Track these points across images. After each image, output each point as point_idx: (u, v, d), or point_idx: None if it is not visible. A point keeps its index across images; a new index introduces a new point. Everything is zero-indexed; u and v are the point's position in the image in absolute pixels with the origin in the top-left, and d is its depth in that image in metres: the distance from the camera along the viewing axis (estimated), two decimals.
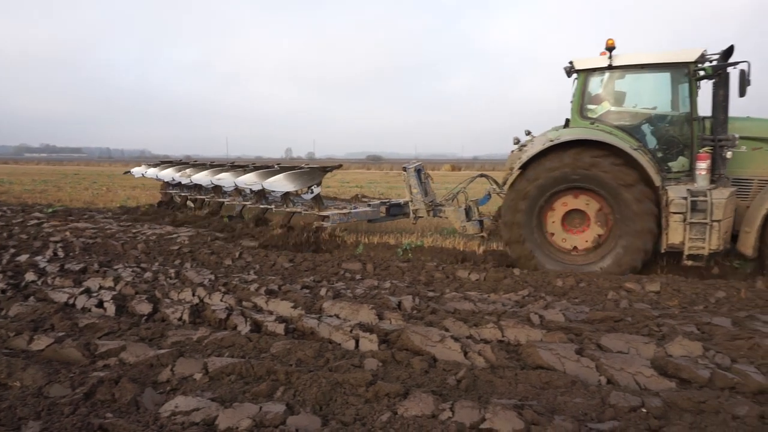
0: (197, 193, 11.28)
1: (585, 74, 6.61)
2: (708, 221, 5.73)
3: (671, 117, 6.45)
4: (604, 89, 6.65)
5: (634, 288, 5.31)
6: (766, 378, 3.07)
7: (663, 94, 6.53)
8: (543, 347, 3.43)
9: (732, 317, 4.27)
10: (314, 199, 8.07)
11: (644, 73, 6.53)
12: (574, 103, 6.71)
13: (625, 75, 6.59)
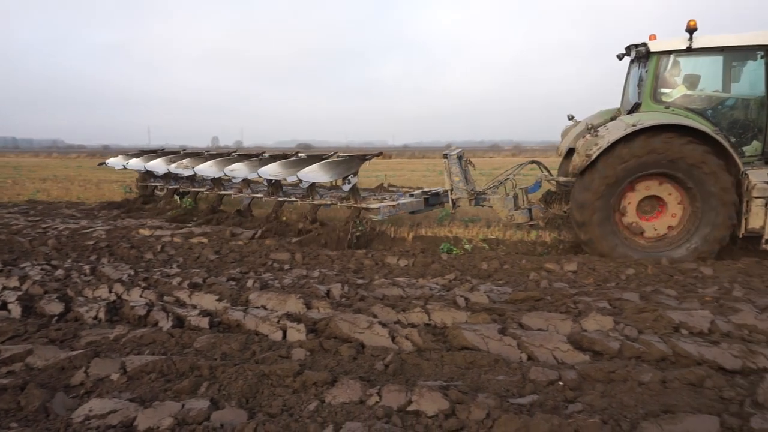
0: (189, 186, 10.35)
1: (659, 57, 6.50)
2: None
3: (748, 100, 6.37)
4: (681, 72, 6.60)
5: (554, 268, 5.57)
6: (668, 346, 3.32)
7: (740, 77, 6.49)
8: (468, 328, 3.53)
9: (640, 292, 4.59)
10: (351, 191, 7.31)
11: (723, 56, 6.45)
12: (646, 86, 6.57)
13: (702, 58, 6.52)
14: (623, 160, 6.05)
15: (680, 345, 3.31)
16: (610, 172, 6.09)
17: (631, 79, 7.26)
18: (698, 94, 6.57)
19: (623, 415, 2.66)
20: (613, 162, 6.07)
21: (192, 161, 9.88)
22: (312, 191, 7.84)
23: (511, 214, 7.30)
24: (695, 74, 6.65)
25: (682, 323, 3.68)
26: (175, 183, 10.85)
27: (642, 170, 6.11)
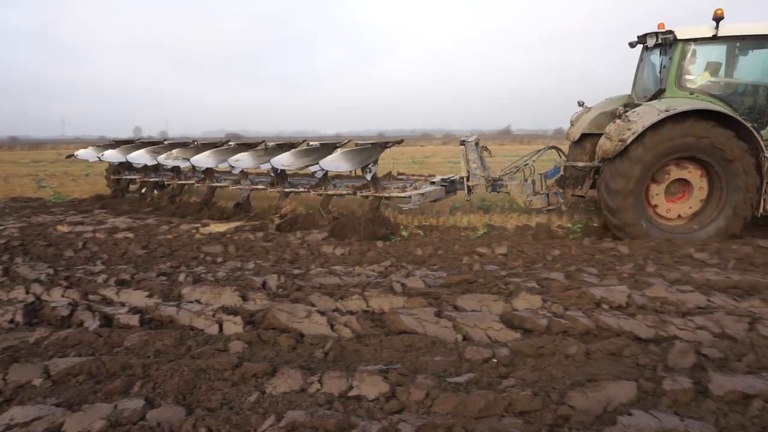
0: (175, 178, 9.67)
1: (685, 44, 6.65)
2: None
3: (766, 86, 6.63)
4: (705, 60, 6.78)
5: (486, 252, 5.77)
6: (591, 320, 3.55)
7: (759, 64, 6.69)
8: (405, 313, 3.61)
9: (565, 271, 4.85)
10: (372, 180, 7.17)
11: (747, 44, 6.60)
12: (671, 73, 6.72)
13: (725, 46, 6.69)
14: (655, 144, 6.18)
15: (602, 319, 3.54)
16: (643, 157, 6.21)
17: (647, 67, 7.49)
18: (721, 81, 6.81)
19: (552, 386, 2.82)
20: (646, 146, 6.19)
21: (182, 152, 9.14)
22: (325, 181, 7.56)
23: (529, 199, 7.34)
24: (717, 61, 6.84)
25: (603, 298, 3.94)
26: (156, 175, 10.16)
27: (673, 154, 6.29)
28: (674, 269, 4.93)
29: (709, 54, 6.81)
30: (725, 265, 5.11)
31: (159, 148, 9.67)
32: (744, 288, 4.28)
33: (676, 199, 6.61)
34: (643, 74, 7.59)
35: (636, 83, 7.72)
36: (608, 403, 2.64)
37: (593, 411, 2.58)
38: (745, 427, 2.47)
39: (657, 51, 7.15)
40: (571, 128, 8.16)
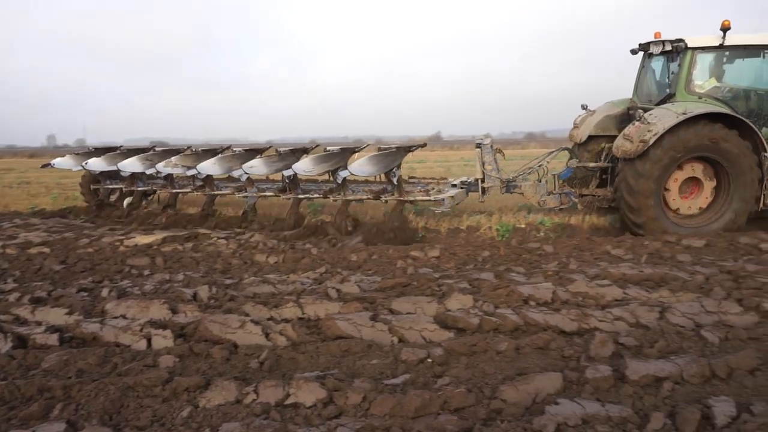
0: (168, 187, 9.00)
1: (694, 52, 7.10)
2: None
3: (763, 92, 7.26)
4: (712, 67, 7.28)
5: (419, 255, 5.88)
6: (519, 317, 3.71)
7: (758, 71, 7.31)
8: (341, 318, 3.62)
9: (494, 271, 5.03)
10: (397, 183, 7.13)
11: (749, 52, 7.18)
12: (681, 78, 7.15)
13: (731, 54, 7.19)
14: (673, 145, 6.56)
15: (529, 315, 3.71)
16: (663, 157, 6.58)
17: (648, 72, 8.03)
18: (725, 86, 7.36)
19: (485, 382, 2.93)
20: (665, 147, 6.55)
21: (181, 159, 8.52)
22: (344, 186, 7.32)
23: (543, 199, 7.56)
24: (721, 68, 7.40)
25: (530, 296, 4.13)
26: (143, 184, 9.45)
27: (689, 154, 6.73)
28: (594, 265, 5.24)
29: (715, 61, 7.38)
30: (638, 260, 5.48)
31: (151, 155, 9.00)
32: (655, 280, 4.62)
33: (688, 196, 7.07)
34: (645, 79, 8.13)
35: (638, 88, 8.21)
36: (537, 394, 2.77)
37: (523, 403, 2.70)
38: (658, 407, 2.67)
39: (661, 58, 7.71)
40: (575, 130, 8.48)
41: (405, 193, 7.32)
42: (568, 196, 7.69)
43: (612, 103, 8.32)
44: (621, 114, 8.01)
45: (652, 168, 6.63)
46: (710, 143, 6.69)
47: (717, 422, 2.52)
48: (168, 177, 8.87)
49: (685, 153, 6.73)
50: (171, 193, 9.08)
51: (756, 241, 6.11)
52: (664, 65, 7.74)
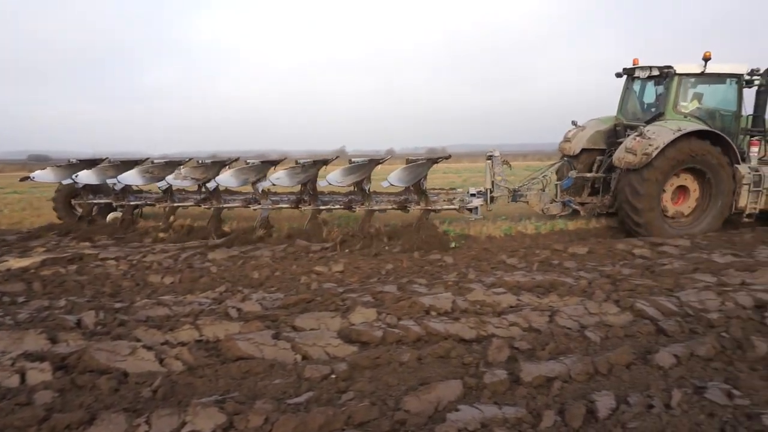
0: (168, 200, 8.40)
1: (681, 77, 8.13)
2: (761, 189, 7.99)
3: (729, 113, 8.35)
4: (694, 90, 8.38)
5: (323, 270, 5.83)
6: (421, 328, 3.79)
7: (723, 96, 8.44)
8: (242, 338, 3.49)
9: (397, 284, 5.11)
10: (423, 193, 7.53)
11: (719, 79, 8.31)
12: (669, 100, 8.15)
13: (707, 80, 8.31)
14: (670, 157, 7.50)
15: (431, 325, 3.81)
16: (663, 167, 7.53)
17: (632, 94, 9.08)
18: (704, 107, 8.43)
19: (389, 394, 2.95)
20: (663, 159, 7.47)
21: (191, 171, 8.14)
22: (368, 197, 7.61)
23: (547, 206, 8.33)
24: (700, 92, 8.46)
25: (432, 306, 4.24)
26: (136, 199, 8.87)
27: (682, 165, 7.71)
28: (491, 274, 5.50)
29: (697, 86, 8.46)
30: (531, 268, 5.83)
31: (152, 167, 8.41)
32: (545, 286, 4.93)
33: (677, 202, 8.14)
34: (629, 100, 9.16)
35: (622, 107, 9.20)
36: (439, 402, 2.84)
37: (426, 412, 2.76)
38: (549, 405, 2.85)
39: (648, 81, 8.76)
40: (566, 143, 9.27)
41: (431, 202, 7.69)
42: (568, 204, 8.54)
43: (599, 120, 9.28)
44: (608, 130, 9.06)
45: (655, 176, 7.57)
46: (698, 156, 7.73)
47: (600, 415, 2.73)
48: (168, 190, 8.44)
49: (678, 164, 7.71)
50: (171, 207, 8.54)
51: (630, 247, 6.74)
52: (648, 88, 8.91)
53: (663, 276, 5.26)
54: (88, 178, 8.43)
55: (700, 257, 6.02)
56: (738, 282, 5.11)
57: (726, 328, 3.92)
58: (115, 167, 8.65)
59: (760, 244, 7.04)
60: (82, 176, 8.40)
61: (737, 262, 5.82)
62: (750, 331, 3.91)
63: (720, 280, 5.12)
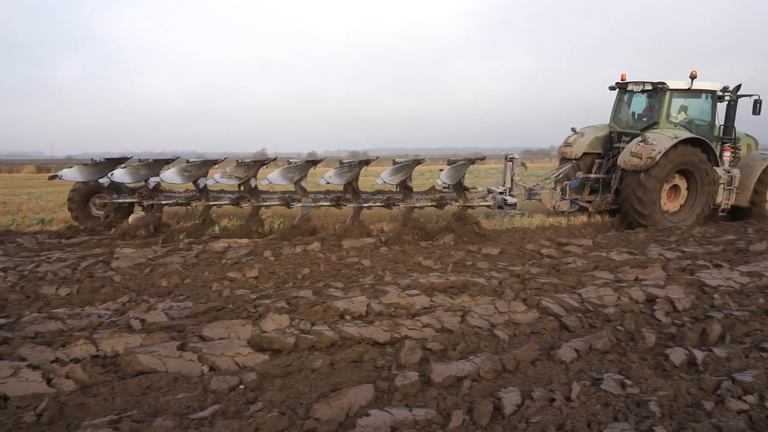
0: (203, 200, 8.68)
1: (672, 92, 9.59)
2: (732, 187, 9.69)
3: (705, 123, 9.97)
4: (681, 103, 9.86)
5: (236, 276, 5.64)
6: (335, 332, 3.75)
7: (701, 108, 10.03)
8: (143, 351, 3.29)
9: (313, 288, 5.03)
10: (461, 190, 8.50)
11: (698, 94, 9.86)
12: (663, 111, 9.59)
13: (691, 94, 9.81)
14: (668, 160, 8.89)
15: (345, 329, 3.78)
16: (664, 168, 8.92)
17: (623, 105, 10.51)
18: (688, 118, 9.94)
19: (299, 402, 2.89)
20: (664, 162, 8.85)
21: (235, 170, 8.33)
22: (408, 195, 8.43)
23: (557, 203, 9.43)
24: (685, 105, 9.97)
25: (346, 310, 4.21)
26: (165, 198, 8.84)
27: (678, 167, 9.12)
28: (407, 276, 5.55)
29: (683, 99, 9.94)
30: (445, 269, 5.96)
31: (190, 166, 8.35)
32: (458, 287, 5.05)
33: (668, 200, 9.53)
34: (622, 110, 10.55)
35: (615, 116, 10.60)
36: (350, 408, 2.81)
37: (337, 419, 2.71)
38: (459, 405, 2.90)
39: (639, 94, 10.24)
40: (567, 148, 10.43)
41: (468, 199, 8.54)
42: (575, 201, 9.68)
43: (595, 127, 10.59)
44: (605, 136, 10.36)
45: (659, 175, 8.95)
46: (689, 160, 9.17)
47: (506, 412, 2.81)
48: (203, 189, 8.71)
49: (674, 166, 9.09)
50: (206, 205, 8.76)
51: (539, 247, 7.07)
52: (636, 100, 10.41)
53: (567, 274, 5.56)
54: (123, 177, 8.39)
55: (600, 256, 6.42)
56: (632, 278, 5.49)
57: (621, 321, 4.20)
58: (146, 166, 8.65)
59: (651, 242, 7.63)
60: (117, 175, 8.33)
61: (632, 259, 6.26)
62: (641, 323, 4.21)
63: (617, 277, 5.49)
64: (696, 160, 9.22)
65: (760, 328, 4.16)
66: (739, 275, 5.50)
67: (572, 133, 10.60)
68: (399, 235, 7.58)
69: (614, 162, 9.84)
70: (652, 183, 8.97)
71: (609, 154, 10.20)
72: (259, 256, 6.62)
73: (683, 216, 9.54)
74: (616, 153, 9.97)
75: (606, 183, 10.07)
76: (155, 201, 8.80)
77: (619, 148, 9.90)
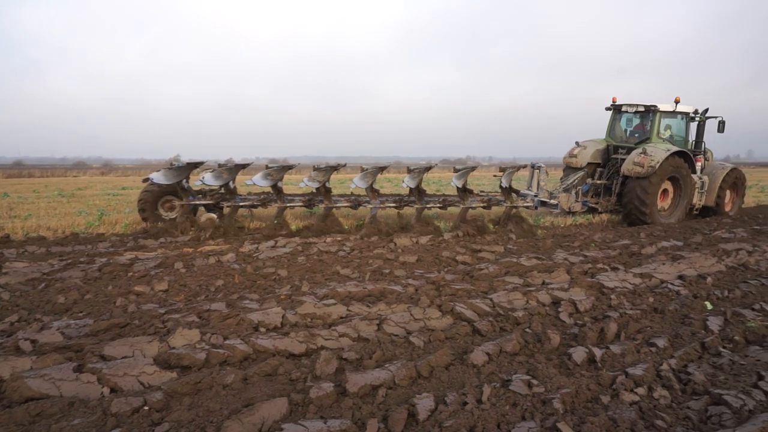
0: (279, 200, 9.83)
1: (661, 113, 11.94)
2: (703, 191, 12.32)
3: (681, 139, 12.42)
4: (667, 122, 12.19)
5: (144, 290, 5.33)
6: (249, 346, 3.64)
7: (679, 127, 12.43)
8: (33, 376, 3.01)
9: (227, 301, 4.87)
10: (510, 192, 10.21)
11: (676, 115, 12.22)
12: (654, 129, 11.91)
13: (673, 115, 12.18)
14: (664, 168, 11.10)
15: (259, 342, 3.68)
16: (661, 175, 11.16)
17: (617, 123, 12.72)
18: (670, 134, 12.26)
19: (209, 420, 2.77)
20: (661, 170, 11.06)
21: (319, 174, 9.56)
22: (465, 196, 9.88)
23: (572, 205, 11.47)
24: (669, 124, 12.27)
25: (261, 322, 4.10)
26: (240, 200, 9.81)
27: (669, 174, 11.37)
28: (324, 286, 5.50)
29: (669, 119, 12.24)
30: (363, 278, 5.98)
31: (272, 170, 9.52)
32: (375, 295, 5.09)
33: (661, 200, 11.66)
34: (617, 127, 12.77)
35: (610, 132, 12.80)
36: (263, 424, 2.73)
37: None
38: (374, 414, 2.90)
39: (630, 114, 12.51)
40: (572, 158, 12.37)
41: (514, 201, 10.23)
42: (585, 204, 11.76)
43: (594, 141, 12.64)
44: (603, 149, 12.45)
45: (657, 181, 11.16)
46: (677, 168, 11.42)
47: (420, 417, 2.85)
48: (279, 191, 9.74)
49: (667, 173, 11.30)
50: (281, 206, 9.78)
51: (454, 254, 7.27)
52: (626, 119, 12.64)
53: (480, 280, 5.76)
54: (213, 180, 9.24)
55: (510, 261, 6.72)
56: (540, 282, 5.79)
57: (529, 324, 4.41)
58: (228, 170, 9.53)
59: (557, 248, 8.09)
60: (207, 178, 9.18)
61: (540, 264, 6.60)
62: (548, 325, 4.44)
63: (526, 281, 5.76)
64: (682, 169, 11.55)
65: (650, 325, 4.52)
66: (633, 277, 5.96)
67: (576, 146, 12.63)
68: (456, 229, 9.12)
69: (614, 170, 12.12)
70: (652, 187, 11.11)
71: (609, 164, 12.38)
72: (169, 268, 6.32)
73: (671, 214, 11.80)
74: (614, 163, 12.17)
75: (607, 188, 12.20)
76: (233, 203, 9.68)
77: (616, 159, 12.14)
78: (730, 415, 2.95)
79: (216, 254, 6.83)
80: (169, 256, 6.77)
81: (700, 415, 2.99)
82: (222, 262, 6.63)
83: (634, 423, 2.83)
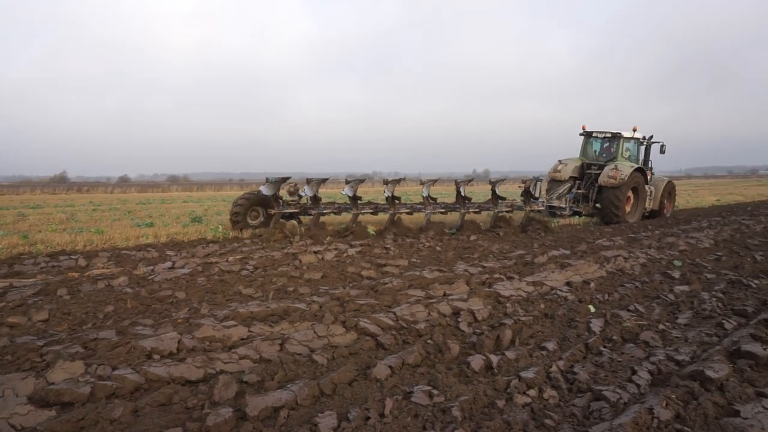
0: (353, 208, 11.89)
1: (623, 139, 15.71)
2: (651, 198, 16.28)
3: (635, 159, 16.10)
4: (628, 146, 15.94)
5: (20, 322, 4.84)
6: (140, 375, 3.42)
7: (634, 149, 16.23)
8: None
9: (117, 328, 4.54)
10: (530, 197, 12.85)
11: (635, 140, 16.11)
12: (619, 151, 15.56)
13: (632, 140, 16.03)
14: (630, 180, 14.73)
15: (151, 370, 3.47)
16: (628, 185, 14.76)
17: (588, 145, 16.48)
18: (630, 154, 15.97)
19: None
20: (628, 181, 14.67)
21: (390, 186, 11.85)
22: (496, 202, 12.13)
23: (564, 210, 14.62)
24: (628, 147, 15.92)
25: (154, 349, 3.87)
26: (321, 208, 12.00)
27: (632, 185, 14.93)
28: (225, 307, 5.31)
29: (629, 143, 15.99)
30: (266, 297, 5.84)
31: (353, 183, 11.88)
32: (278, 314, 4.98)
33: (627, 205, 15.09)
34: (588, 149, 16.47)
35: (584, 152, 16.47)
36: None
37: None
38: None
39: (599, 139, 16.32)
40: (557, 173, 15.78)
41: (532, 205, 12.63)
42: (572, 208, 14.87)
43: (572, 159, 16.11)
44: (579, 165, 15.90)
45: (625, 190, 14.71)
46: (638, 180, 15.13)
47: None
48: (355, 200, 11.81)
49: (631, 184, 14.87)
50: (355, 213, 11.82)
51: (359, 269, 7.32)
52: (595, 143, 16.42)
53: (384, 294, 5.84)
54: (310, 191, 11.85)
55: (414, 275, 6.88)
56: (441, 294, 5.98)
57: (430, 335, 4.53)
58: (317, 183, 12.02)
59: (458, 260, 8.41)
60: (307, 190, 11.84)
61: (441, 276, 6.82)
62: (448, 335, 4.59)
63: (428, 294, 5.92)
64: (640, 181, 15.33)
65: (542, 330, 4.82)
66: (526, 285, 6.34)
67: (559, 163, 16.09)
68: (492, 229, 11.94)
69: (589, 182, 15.62)
70: (623, 195, 14.66)
71: (585, 177, 15.83)
72: (51, 295, 5.81)
73: (632, 215, 15.41)
74: (589, 176, 15.71)
75: (585, 196, 15.63)
76: (317, 211, 11.98)
77: (590, 174, 15.67)
78: (609, 408, 3.21)
79: (105, 278, 6.37)
80: (51, 283, 6.21)
81: (583, 411, 3.23)
82: (113, 287, 6.20)
83: (526, 424, 2.99)
